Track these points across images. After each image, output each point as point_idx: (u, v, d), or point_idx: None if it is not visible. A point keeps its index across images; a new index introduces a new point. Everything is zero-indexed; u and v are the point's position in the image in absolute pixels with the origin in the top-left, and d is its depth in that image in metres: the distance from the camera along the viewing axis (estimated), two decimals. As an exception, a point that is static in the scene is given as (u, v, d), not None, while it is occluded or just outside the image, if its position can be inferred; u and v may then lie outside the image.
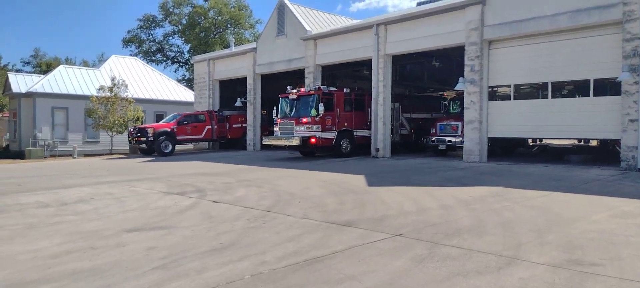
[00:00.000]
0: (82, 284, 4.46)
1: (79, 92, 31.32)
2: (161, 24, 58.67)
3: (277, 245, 5.75)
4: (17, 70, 55.29)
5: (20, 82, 31.53)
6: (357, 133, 19.21)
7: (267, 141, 19.53)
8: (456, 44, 16.55)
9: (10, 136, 34.57)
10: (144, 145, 23.92)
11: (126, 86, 29.19)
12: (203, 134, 25.44)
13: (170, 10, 56.93)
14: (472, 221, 6.84)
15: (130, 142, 25.50)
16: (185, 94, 37.39)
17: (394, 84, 19.89)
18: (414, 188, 10.30)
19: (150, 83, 36.64)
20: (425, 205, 8.13)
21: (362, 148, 19.42)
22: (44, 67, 61.63)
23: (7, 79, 33.12)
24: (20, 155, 27.40)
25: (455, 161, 16.35)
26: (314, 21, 23.68)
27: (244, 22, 56.74)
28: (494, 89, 16.22)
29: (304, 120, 17.85)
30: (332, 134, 18.28)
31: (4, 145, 35.84)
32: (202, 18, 55.31)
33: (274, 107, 19.43)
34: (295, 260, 5.08)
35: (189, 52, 58.12)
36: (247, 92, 26.27)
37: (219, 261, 5.11)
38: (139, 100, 31.40)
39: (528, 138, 21.37)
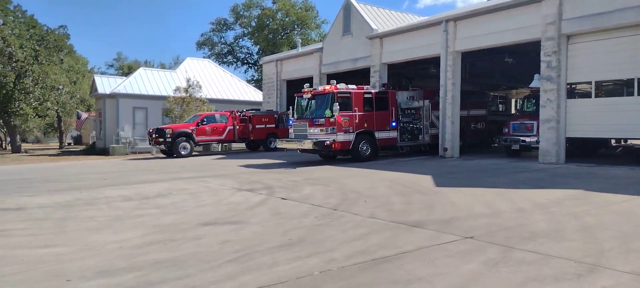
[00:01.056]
0: (164, 273, 4.76)
1: (157, 93, 33.18)
2: (232, 26, 60.84)
3: (345, 243, 5.81)
4: (102, 73, 59.62)
5: (105, 84, 33.91)
6: (379, 135, 17.58)
7: (281, 144, 18.36)
8: (531, 39, 15.77)
9: (97, 134, 37.33)
10: (162, 146, 23.59)
11: (200, 87, 30.55)
12: (224, 135, 24.73)
13: (241, 13, 58.86)
14: (549, 225, 6.52)
15: (150, 143, 25.20)
16: (254, 94, 38.53)
17: (463, 82, 19.30)
18: (484, 189, 9.97)
19: (222, 84, 38.11)
20: (497, 208, 7.86)
21: (384, 149, 18.52)
22: (126, 70, 65.99)
23: (93, 81, 35.78)
24: (104, 152, 29.46)
25: (529, 162, 15.60)
26: (380, 19, 23.53)
27: (310, 22, 57.46)
28: (573, 86, 15.29)
29: (318, 121, 16.46)
30: (350, 137, 16.64)
31: (91, 142, 38.77)
32: (270, 20, 56.67)
33: (291, 107, 18.53)
34: (364, 259, 5.11)
35: (257, 53, 59.79)
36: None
37: (289, 256, 5.25)
38: (212, 100, 32.75)
39: (611, 138, 19.88)
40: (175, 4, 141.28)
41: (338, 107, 15.99)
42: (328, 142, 16.06)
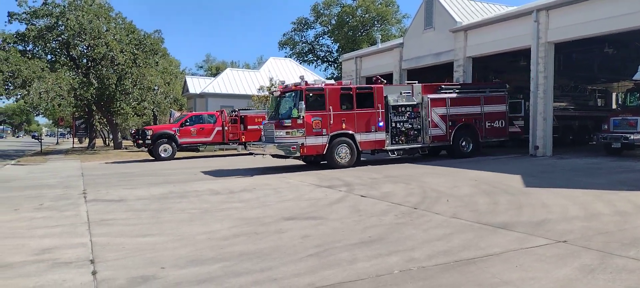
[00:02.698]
0: (249, 265, 4.97)
1: (242, 92, 34.64)
2: (313, 25, 61.72)
3: (426, 242, 5.69)
4: (193, 74, 63.22)
5: (195, 84, 36.00)
6: (362, 137, 14.87)
7: (250, 148, 16.39)
8: (635, 27, 14.37)
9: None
10: (144, 148, 22.23)
11: (282, 85, 31.37)
12: (211, 137, 22.58)
13: (321, 11, 59.57)
14: (656, 231, 5.92)
15: (134, 144, 24.12)
16: (334, 92, 38.86)
17: (556, 74, 18.03)
18: (580, 190, 9.25)
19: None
20: (594, 210, 7.27)
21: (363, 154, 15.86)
22: (214, 71, 69.41)
23: (185, 82, 38.16)
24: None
25: (632, 162, 14.25)
26: (463, 11, 22.66)
27: (391, 18, 56.73)
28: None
29: (285, 123, 14.26)
30: (323, 140, 14.28)
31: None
32: (350, 17, 56.76)
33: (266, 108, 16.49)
34: (445, 260, 4.97)
35: (337, 51, 60.16)
36: (394, 88, 26.26)
37: (368, 254, 5.25)
38: (293, 98, 33.49)
39: None
40: (259, 6, 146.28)
41: (304, 106, 13.85)
42: (294, 146, 13.99)
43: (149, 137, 21.42)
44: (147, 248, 5.78)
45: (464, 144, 16.70)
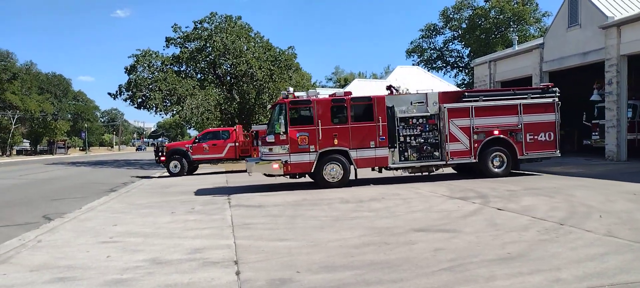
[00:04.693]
0: (379, 274, 4.98)
1: (370, 102, 34.87)
2: (442, 31, 60.12)
3: (575, 262, 5.15)
4: (322, 86, 65.65)
5: (324, 95, 37.22)
6: (358, 154, 13.40)
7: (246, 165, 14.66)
8: None
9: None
10: (162, 164, 22.65)
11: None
12: (224, 153, 22.15)
13: (451, 16, 57.75)
14: None
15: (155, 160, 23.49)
16: (465, 98, 37.30)
17: None
18: None
19: (430, 89, 37.98)
20: None
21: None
22: (342, 82, 71.26)
23: (316, 94, 39.72)
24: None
25: None
26: (614, 4, 20.18)
27: (528, 17, 52.75)
28: None
29: (268, 139, 13.39)
30: (310, 157, 13.16)
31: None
32: (483, 19, 54.07)
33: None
34: (599, 283, 4.44)
35: (468, 55, 57.72)
36: (533, 92, 24.32)
37: (507, 271, 4.91)
38: (421, 107, 32.88)
39: None
40: (386, 17, 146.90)
41: (283, 120, 12.99)
42: (277, 165, 13.08)
43: (163, 153, 22.18)
44: (283, 252, 6.12)
45: (495, 161, 14.10)
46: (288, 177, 13.79)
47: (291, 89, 13.88)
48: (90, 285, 5.03)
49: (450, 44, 60.99)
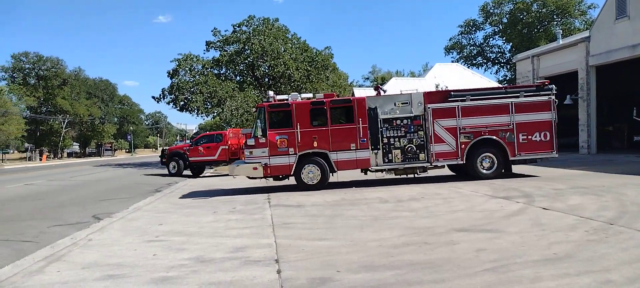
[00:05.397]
0: (420, 275, 4.94)
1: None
2: (481, 26, 58.79)
3: (626, 263, 4.94)
4: (359, 86, 65.40)
5: (361, 95, 37.13)
6: (338, 156, 13.39)
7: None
8: None
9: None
10: (163, 165, 24.33)
11: (448, 91, 30.49)
12: (216, 155, 22.85)
13: (491, 11, 56.37)
14: None
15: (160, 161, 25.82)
16: (506, 95, 36.32)
17: None
18: None
19: (471, 86, 37.21)
20: None
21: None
22: (379, 81, 70.74)
23: (352, 93, 39.60)
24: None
25: None
26: (670, -7, 19.20)
27: (573, 10, 50.82)
28: None
29: (248, 142, 13.62)
30: (290, 160, 13.33)
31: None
32: (525, 13, 52.50)
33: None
34: (654, 285, 4.25)
35: (510, 51, 56.20)
36: (579, 87, 23.44)
37: (554, 272, 4.77)
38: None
39: None
40: (424, 13, 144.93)
41: (259, 124, 13.33)
42: (256, 167, 13.32)
43: (165, 155, 23.90)
44: (323, 251, 6.16)
45: (485, 162, 13.61)
46: (270, 179, 14.15)
47: (271, 93, 14.29)
48: (138, 282, 5.23)
49: (491, 39, 59.56)
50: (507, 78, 56.53)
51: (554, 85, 13.82)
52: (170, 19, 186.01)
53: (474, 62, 60.19)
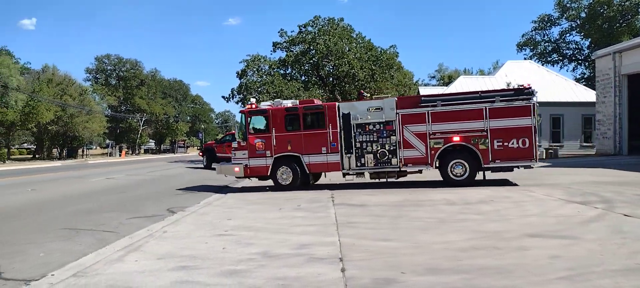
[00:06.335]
0: (489, 280, 4.78)
1: (476, 100, 33.36)
2: (557, 22, 55.64)
3: None
4: (425, 84, 64.13)
5: (427, 93, 36.39)
6: (310, 159, 14.13)
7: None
8: None
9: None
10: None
11: (520, 90, 29.14)
12: None
13: (567, 5, 53.20)
14: None
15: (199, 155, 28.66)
16: (585, 94, 34.08)
17: None
18: None
19: (545, 85, 35.23)
20: None
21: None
22: (446, 80, 69.02)
23: (418, 93, 38.98)
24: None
25: None
26: None
27: (663, 1, 46.81)
28: None
29: (233, 144, 15.06)
30: (267, 161, 14.37)
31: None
32: (605, 7, 49.04)
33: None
34: None
35: (588, 47, 52.77)
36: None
37: (636, 283, 4.47)
38: (534, 104, 30.73)
39: None
40: (493, 8, 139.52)
41: (243, 128, 14.62)
42: (238, 168, 14.61)
43: (202, 150, 27.24)
44: (387, 252, 6.12)
45: (456, 168, 13.25)
46: (253, 179, 15.36)
47: (253, 100, 15.78)
48: (209, 274, 5.47)
49: (567, 35, 56.23)
50: (585, 76, 53.20)
51: (535, 90, 13.17)
52: (239, 22, 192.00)
53: (549, 59, 57.14)
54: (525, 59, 53.17)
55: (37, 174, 26.74)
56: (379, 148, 13.82)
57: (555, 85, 35.27)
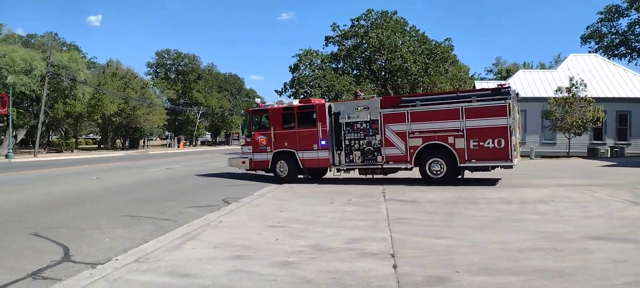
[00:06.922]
0: (548, 283, 4.60)
1: (536, 95, 32.05)
2: (626, 12, 52.16)
3: None
4: (482, 79, 62.13)
5: (480, 86, 35.21)
6: (303, 155, 15.40)
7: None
8: None
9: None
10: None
11: (585, 85, 27.70)
12: None
13: (639, -7, 49.72)
14: None
15: None
16: (658, 89, 31.86)
17: None
18: None
19: (611, 80, 33.29)
20: None
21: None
22: (504, 74, 66.59)
23: (473, 86, 37.79)
24: None
25: None
26: None
27: None
28: None
29: (242, 141, 17.03)
30: (268, 156, 16.03)
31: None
32: (683, -5, 45.47)
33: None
34: None
35: (662, 39, 49.17)
36: None
37: None
38: (599, 100, 29.12)
39: None
40: (555, 1, 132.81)
41: (248, 125, 16.57)
42: (244, 161, 16.47)
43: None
44: (440, 249, 6.03)
45: (433, 166, 13.59)
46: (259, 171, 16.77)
47: (258, 100, 17.21)
48: (262, 264, 5.61)
49: (637, 27, 52.53)
50: (658, 70, 49.57)
51: (513, 89, 12.90)
52: (292, 16, 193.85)
53: (616, 52, 53.75)
54: (590, 52, 50.34)
55: (102, 163, 28.33)
56: (365, 146, 14.60)
57: (623, 80, 33.21)
